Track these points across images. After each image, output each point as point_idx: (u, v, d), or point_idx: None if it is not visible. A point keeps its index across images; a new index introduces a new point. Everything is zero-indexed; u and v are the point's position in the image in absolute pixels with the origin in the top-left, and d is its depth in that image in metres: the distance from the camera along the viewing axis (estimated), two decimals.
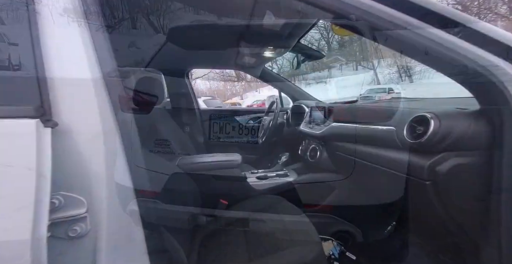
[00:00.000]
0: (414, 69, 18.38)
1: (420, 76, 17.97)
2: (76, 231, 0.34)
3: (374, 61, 22.12)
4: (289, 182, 1.21)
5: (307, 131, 1.32)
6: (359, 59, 24.00)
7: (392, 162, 0.77)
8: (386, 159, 0.80)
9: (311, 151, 1.28)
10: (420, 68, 17.80)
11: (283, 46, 1.21)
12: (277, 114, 1.57)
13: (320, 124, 1.25)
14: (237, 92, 34.53)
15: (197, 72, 18.13)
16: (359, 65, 25.23)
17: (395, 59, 19.25)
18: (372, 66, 22.32)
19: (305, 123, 1.45)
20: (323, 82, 25.41)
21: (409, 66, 18.33)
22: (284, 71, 22.03)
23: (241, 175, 1.19)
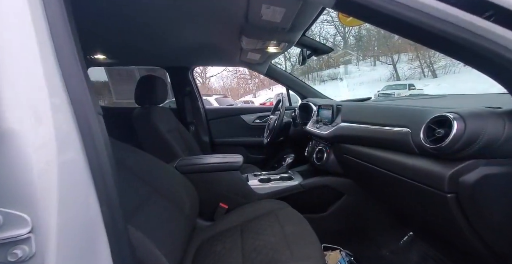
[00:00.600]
0: (438, 64, 17.41)
1: (445, 70, 16.98)
2: (17, 255, 0.30)
3: (394, 55, 21.16)
4: (293, 186, 1.13)
5: (314, 131, 1.22)
6: (377, 53, 23.05)
7: (406, 169, 0.67)
8: (399, 165, 0.69)
9: (318, 153, 1.19)
10: (445, 62, 16.86)
11: (286, 40, 1.12)
12: (282, 113, 1.49)
13: (328, 124, 1.15)
14: (250, 90, 34.71)
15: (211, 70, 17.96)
16: (377, 60, 24.29)
17: (417, 52, 18.29)
18: (391, 61, 21.37)
19: (312, 123, 1.36)
20: (338, 79, 24.80)
21: (433, 61, 17.38)
22: (297, 68, 21.57)
23: (242, 178, 1.12)
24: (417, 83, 13.82)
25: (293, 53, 28.00)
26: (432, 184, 0.58)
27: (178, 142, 1.52)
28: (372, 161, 0.83)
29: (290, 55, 27.54)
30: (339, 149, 1.03)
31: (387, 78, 20.67)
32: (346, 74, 24.88)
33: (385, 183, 0.82)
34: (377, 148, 0.81)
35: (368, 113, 0.90)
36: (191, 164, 1.10)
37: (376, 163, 0.80)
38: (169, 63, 1.78)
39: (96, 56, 1.52)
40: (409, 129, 0.65)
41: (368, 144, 0.85)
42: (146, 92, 1.34)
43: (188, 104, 1.89)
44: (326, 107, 1.21)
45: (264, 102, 15.07)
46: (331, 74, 25.87)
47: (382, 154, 0.77)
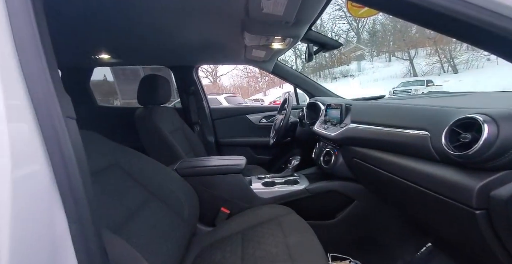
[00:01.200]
0: (459, 58, 16.48)
1: (467, 65, 16.05)
2: None
3: (411, 50, 20.27)
4: (299, 190, 1.06)
5: (321, 132, 1.15)
6: (393, 49, 22.19)
7: (424, 178, 0.58)
8: (416, 173, 0.61)
9: (325, 155, 1.11)
10: (468, 56, 15.91)
11: (291, 36, 1.05)
12: (288, 112, 1.41)
13: (336, 124, 1.07)
14: (261, 88, 34.63)
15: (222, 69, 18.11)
16: (392, 56, 23.40)
17: (436, 47, 17.40)
18: (407, 57, 20.51)
19: (319, 123, 1.28)
20: (351, 76, 24.16)
21: (454, 55, 16.47)
22: (308, 66, 21.34)
23: (244, 182, 1.07)
24: (436, 79, 13.15)
25: (303, 50, 27.51)
26: (457, 197, 0.50)
27: (181, 143, 1.49)
28: (385, 167, 0.75)
29: (301, 52, 27.12)
30: (348, 152, 0.95)
31: (403, 74, 19.86)
32: (359, 70, 24.18)
33: (401, 191, 0.74)
34: (391, 152, 0.72)
35: (380, 114, 0.81)
36: (191, 167, 1.06)
37: (390, 170, 0.72)
38: (173, 62, 1.76)
39: (101, 56, 1.51)
40: (428, 133, 0.57)
41: (381, 147, 0.77)
42: (148, 92, 1.31)
43: (193, 103, 1.86)
44: (334, 106, 1.12)
45: (274, 100, 14.99)
46: (343, 71, 25.24)
47: (397, 159, 0.69)
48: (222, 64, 1.80)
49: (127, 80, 1.65)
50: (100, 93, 5.22)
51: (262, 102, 15.07)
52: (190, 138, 1.60)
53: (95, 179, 0.65)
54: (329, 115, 1.19)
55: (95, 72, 1.84)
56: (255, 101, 15.34)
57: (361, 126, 0.86)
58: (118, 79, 1.74)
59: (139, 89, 1.30)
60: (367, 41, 27.44)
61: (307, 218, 0.94)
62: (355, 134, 0.89)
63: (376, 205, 0.98)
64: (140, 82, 1.31)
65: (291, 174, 1.22)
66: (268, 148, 1.89)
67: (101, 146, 0.78)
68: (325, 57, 29.92)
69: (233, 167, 1.06)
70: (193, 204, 0.96)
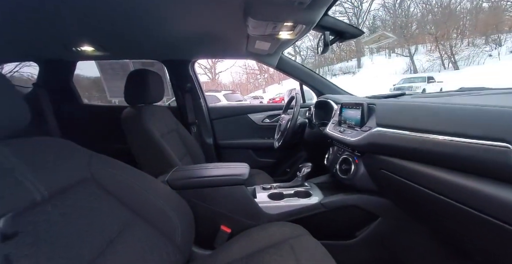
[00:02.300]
0: (460, 54, 16.32)
1: (468, 62, 15.91)
2: None
3: (411, 46, 20.14)
4: (312, 205, 0.91)
5: (336, 136, 0.99)
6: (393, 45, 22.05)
7: (493, 203, 0.43)
8: (480, 196, 0.46)
9: (343, 163, 0.95)
10: (469, 52, 15.77)
11: (303, 21, 0.88)
12: (296, 112, 1.25)
13: (355, 127, 0.91)
14: (260, 85, 34.60)
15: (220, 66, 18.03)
16: (392, 52, 23.26)
17: (437, 43, 17.28)
18: (408, 53, 20.37)
19: (333, 125, 1.12)
20: (351, 73, 24.05)
21: (455, 51, 16.31)
22: (307, 63, 21.37)
23: (248, 194, 0.91)
24: (436, 76, 12.99)
25: (303, 47, 27.29)
26: None
27: (176, 146, 1.32)
28: (428, 184, 0.59)
29: (300, 49, 26.83)
30: (373, 161, 0.80)
31: (403, 70, 19.69)
32: (359, 67, 23.94)
33: (448, 215, 0.58)
34: (438, 166, 0.56)
35: (422, 116, 0.65)
36: (185, 178, 0.90)
37: (436, 188, 0.56)
38: (167, 56, 1.58)
39: (83, 48, 1.33)
40: (510, 145, 0.41)
41: (422, 159, 0.61)
42: (137, 89, 1.14)
43: (189, 102, 1.69)
44: (352, 106, 0.96)
45: (273, 98, 14.82)
46: (343, 68, 25.00)
47: (447, 176, 0.53)
48: (221, 58, 1.62)
49: (115, 75, 1.50)
50: (98, 90, 5.01)
51: (261, 99, 14.90)
52: (186, 141, 1.43)
53: (61, 198, 0.49)
54: (345, 116, 1.03)
55: (88, 67, 1.67)
56: (254, 98, 15.16)
57: (392, 131, 0.70)
58: (106, 74, 1.59)
59: (127, 86, 1.13)
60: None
61: (322, 237, 0.78)
62: (383, 141, 0.73)
63: (404, 223, 0.83)
64: (128, 78, 1.14)
65: (301, 183, 1.07)
66: (271, 151, 1.73)
67: (73, 157, 0.62)
68: (325, 54, 29.57)
69: (235, 178, 0.90)
70: (188, 224, 0.80)
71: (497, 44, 16.50)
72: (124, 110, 1.14)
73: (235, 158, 1.77)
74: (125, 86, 1.13)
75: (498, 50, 15.75)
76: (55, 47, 1.35)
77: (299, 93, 1.36)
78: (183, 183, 0.89)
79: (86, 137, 1.64)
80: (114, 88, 1.65)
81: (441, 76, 13.47)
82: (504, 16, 17.11)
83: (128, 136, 1.11)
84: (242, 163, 1.02)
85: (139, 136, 1.10)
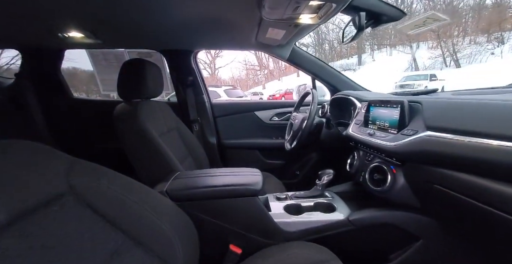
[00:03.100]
0: (462, 52, 16.17)
1: (470, 60, 15.77)
2: None
3: (413, 44, 19.99)
4: (338, 222, 0.77)
5: (365, 139, 0.85)
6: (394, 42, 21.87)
7: None
8: None
9: (374, 172, 0.81)
10: (471, 50, 15.63)
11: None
12: (313, 111, 1.11)
13: (390, 129, 0.77)
14: (259, 81, 34.45)
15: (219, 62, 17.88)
16: (393, 49, 23.08)
17: (439, 40, 17.12)
18: (409, 50, 20.20)
19: (356, 126, 0.98)
20: (351, 70, 23.89)
21: (457, 49, 16.16)
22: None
23: (262, 208, 0.77)
24: (438, 74, 12.86)
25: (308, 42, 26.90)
26: None
27: (177, 147, 1.18)
28: (501, 206, 0.45)
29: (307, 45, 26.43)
30: (419, 173, 0.66)
31: (404, 68, 19.51)
32: (360, 64, 23.70)
33: None
34: None
35: (492, 118, 0.51)
36: (188, 188, 0.76)
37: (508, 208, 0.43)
38: (166, 46, 1.41)
39: (71, 34, 1.17)
40: None
41: (495, 174, 0.47)
42: (132, 82, 0.99)
43: (191, 97, 1.53)
44: (386, 104, 0.82)
45: (273, 94, 14.61)
46: (343, 65, 24.75)
47: None
48: (227, 49, 1.46)
49: (109, 67, 1.35)
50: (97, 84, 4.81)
51: (261, 95, 14.70)
52: (188, 140, 1.28)
53: (28, 223, 0.36)
54: (375, 115, 0.88)
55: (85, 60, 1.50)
56: (254, 94, 14.97)
57: (450, 137, 0.56)
58: (98, 66, 1.44)
59: (120, 78, 0.98)
60: (368, 35, 26.93)
61: (349, 260, 0.65)
62: (437, 149, 0.59)
63: (453, 249, 0.70)
64: (122, 69, 0.98)
65: (321, 193, 0.93)
66: (280, 152, 1.59)
67: (47, 166, 0.47)
68: (325, 51, 29.34)
69: (247, 188, 0.76)
70: (191, 244, 0.66)
71: (500, 42, 16.34)
72: (117, 106, 0.99)
73: (240, 160, 1.63)
74: (119, 78, 0.98)
75: (500, 48, 15.60)
76: (39, 33, 1.18)
77: (315, 89, 1.21)
78: (185, 194, 0.75)
79: (77, 135, 1.50)
80: (108, 81, 1.49)
81: (442, 74, 13.32)
82: (508, 13, 16.91)
83: (121, 136, 0.96)
84: (253, 169, 0.87)
85: (134, 136, 0.95)
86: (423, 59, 18.67)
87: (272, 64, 31.60)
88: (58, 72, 1.47)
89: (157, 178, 0.88)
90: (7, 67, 8.33)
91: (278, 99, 11.75)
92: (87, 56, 1.54)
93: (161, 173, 0.92)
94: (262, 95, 15.16)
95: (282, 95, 13.73)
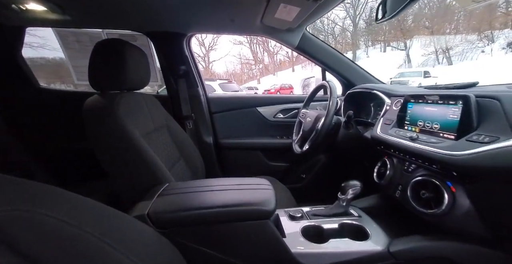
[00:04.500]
0: (455, 49, 16.34)
1: (461, 57, 15.97)
2: None
3: (407, 40, 20.12)
4: (374, 254, 0.60)
5: (404, 144, 0.67)
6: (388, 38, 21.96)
7: None
8: None
9: (419, 188, 0.64)
10: (463, 47, 15.82)
11: None
12: (332, 109, 0.92)
13: (444, 133, 0.59)
14: (254, 76, 34.12)
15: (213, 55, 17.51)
16: (387, 46, 23.18)
17: (433, 38, 17.25)
18: (403, 47, 20.32)
19: (386, 126, 0.80)
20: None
21: (449, 46, 16.32)
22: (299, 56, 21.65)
23: (276, 234, 0.59)
24: (430, 70, 12.95)
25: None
26: None
27: (166, 149, 0.97)
28: None
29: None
30: (498, 195, 0.48)
31: (398, 65, 19.58)
32: (354, 60, 23.67)
33: None
34: None
35: None
36: (178, 210, 0.56)
37: None
38: (154, 27, 1.18)
39: (30, 7, 0.92)
40: None
41: None
42: (108, 69, 0.76)
43: (183, 90, 1.31)
44: (435, 101, 0.64)
45: (268, 89, 14.36)
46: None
47: None
48: (226, 34, 1.23)
49: (83, 51, 1.13)
50: None
51: (256, 90, 14.45)
52: (179, 140, 1.07)
53: None
54: (417, 114, 0.71)
55: None
56: (249, 89, 14.69)
57: None
58: (69, 49, 1.21)
59: (92, 64, 0.75)
60: (363, 30, 26.88)
61: None
62: None
63: None
64: (93, 52, 0.76)
65: (345, 211, 0.75)
66: (285, 153, 1.40)
67: None
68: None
69: (257, 209, 0.57)
70: None
71: (490, 40, 16.59)
72: (89, 98, 0.77)
73: (240, 162, 1.44)
74: (90, 63, 0.75)
75: (491, 46, 15.85)
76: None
77: (332, 83, 1.02)
78: (174, 218, 0.55)
79: (45, 132, 1.26)
80: (83, 68, 1.24)
81: (435, 70, 13.42)
82: (497, 12, 17.13)
83: (91, 137, 0.73)
84: (260, 180, 0.69)
85: (109, 136, 0.73)
86: (416, 56, 18.79)
87: (267, 59, 31.16)
88: (18, 55, 1.20)
89: (139, 193, 0.68)
90: None
91: (273, 94, 11.56)
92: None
93: (144, 185, 0.72)
94: (257, 90, 14.90)
95: (277, 90, 13.54)
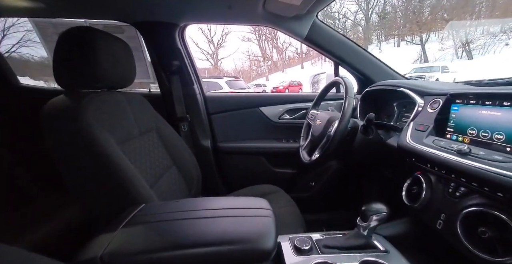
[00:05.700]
0: (476, 42, 15.40)
1: (483, 51, 15.02)
2: None
3: (423, 34, 19.20)
4: None
5: (451, 161, 0.50)
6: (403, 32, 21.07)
7: None
8: None
9: (474, 222, 0.47)
10: (484, 40, 14.89)
11: None
12: (348, 111, 0.75)
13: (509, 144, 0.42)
14: (263, 73, 33.96)
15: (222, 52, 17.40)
16: (401, 40, 22.25)
17: (452, 29, 16.32)
18: (419, 41, 19.42)
19: (418, 133, 0.63)
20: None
21: (469, 39, 15.38)
22: (308, 50, 21.45)
23: None
24: (448, 65, 12.26)
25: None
26: None
27: (151, 156, 0.83)
28: None
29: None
30: None
31: (413, 60, 18.72)
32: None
33: None
34: None
35: None
36: (143, 251, 0.42)
37: None
38: (142, 16, 1.04)
39: None
40: None
41: None
42: (76, 63, 0.63)
43: (177, 88, 1.17)
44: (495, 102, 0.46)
45: (277, 86, 14.14)
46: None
47: None
48: (223, 23, 1.08)
49: None
50: None
51: (264, 87, 14.28)
52: (171, 144, 0.93)
53: None
54: (467, 120, 0.53)
55: None
56: (257, 86, 14.54)
57: None
58: (49, 42, 1.12)
59: (55, 56, 0.62)
60: (376, 24, 25.94)
61: None
62: None
63: None
64: (58, 43, 0.63)
65: (368, 242, 0.59)
66: (291, 159, 1.24)
67: None
68: None
69: (251, 249, 0.42)
70: None
71: None
72: (52, 99, 0.64)
73: (241, 168, 1.29)
74: (54, 55, 0.62)
75: None
76: None
77: (347, 79, 0.85)
78: (137, 262, 0.41)
79: (24, 131, 1.17)
80: None
81: (453, 65, 12.69)
82: None
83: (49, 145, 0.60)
84: (258, 201, 0.54)
85: (71, 145, 0.60)
86: (433, 51, 17.89)
87: (276, 55, 30.73)
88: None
89: (110, 214, 0.55)
90: (8, 55, 7.83)
91: (282, 92, 11.34)
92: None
93: (114, 207, 0.58)
94: (266, 87, 14.73)
95: (286, 87, 13.32)
